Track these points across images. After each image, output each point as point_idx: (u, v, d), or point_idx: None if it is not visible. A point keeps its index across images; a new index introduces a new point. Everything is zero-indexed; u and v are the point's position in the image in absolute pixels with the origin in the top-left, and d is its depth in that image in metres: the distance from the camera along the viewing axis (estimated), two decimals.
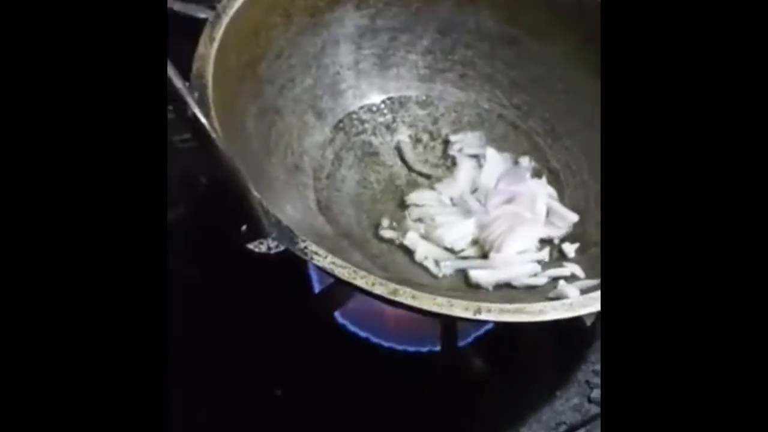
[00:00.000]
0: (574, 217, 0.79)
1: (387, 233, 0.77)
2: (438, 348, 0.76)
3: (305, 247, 0.60)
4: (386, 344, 0.76)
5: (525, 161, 0.85)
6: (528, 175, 0.83)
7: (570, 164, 0.84)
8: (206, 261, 0.79)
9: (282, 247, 0.59)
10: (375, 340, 0.76)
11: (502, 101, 0.88)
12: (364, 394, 0.73)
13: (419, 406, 0.73)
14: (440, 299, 0.59)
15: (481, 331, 0.77)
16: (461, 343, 0.77)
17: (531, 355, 0.77)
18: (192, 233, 0.82)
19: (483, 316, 0.59)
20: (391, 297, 0.58)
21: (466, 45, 0.88)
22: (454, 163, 0.84)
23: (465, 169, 0.83)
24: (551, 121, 0.86)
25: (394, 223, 0.78)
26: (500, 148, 0.85)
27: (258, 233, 0.59)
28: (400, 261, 0.76)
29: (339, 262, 0.60)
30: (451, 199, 0.81)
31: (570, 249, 0.77)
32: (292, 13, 0.79)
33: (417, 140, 0.86)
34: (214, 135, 0.54)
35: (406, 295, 0.58)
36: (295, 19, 0.79)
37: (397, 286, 0.59)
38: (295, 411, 0.72)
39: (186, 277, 0.77)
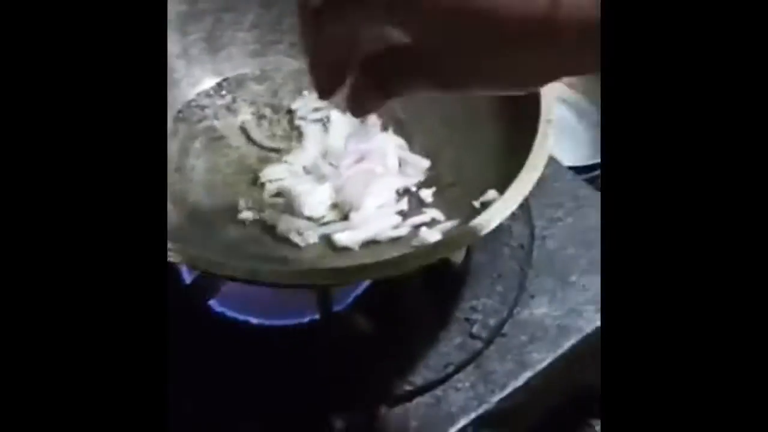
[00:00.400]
0: (425, 163, 0.80)
1: (245, 214, 0.77)
2: (317, 316, 0.77)
3: None
4: (267, 323, 0.76)
5: (371, 118, 0.85)
6: (375, 130, 0.83)
7: (415, 112, 0.85)
8: None
9: None
10: (255, 320, 0.76)
11: None
12: (255, 376, 0.73)
13: (311, 375, 0.74)
14: (301, 271, 0.59)
15: (360, 290, 0.78)
16: (339, 307, 0.77)
17: (409, 306, 0.78)
18: None
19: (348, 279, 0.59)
20: (252, 278, 0.59)
21: (293, 13, 0.87)
22: (301, 133, 0.84)
23: (312, 135, 0.83)
24: None
25: (252, 203, 0.78)
26: (344, 108, 0.85)
27: None
28: (265, 240, 0.76)
29: (195, 254, 0.59)
30: (304, 168, 0.81)
31: (427, 194, 0.78)
32: None
33: (260, 116, 0.86)
34: None
35: (266, 275, 0.59)
36: None
37: (257, 267, 0.59)
38: (189, 408, 0.71)
39: None
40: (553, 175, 0.89)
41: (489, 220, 0.64)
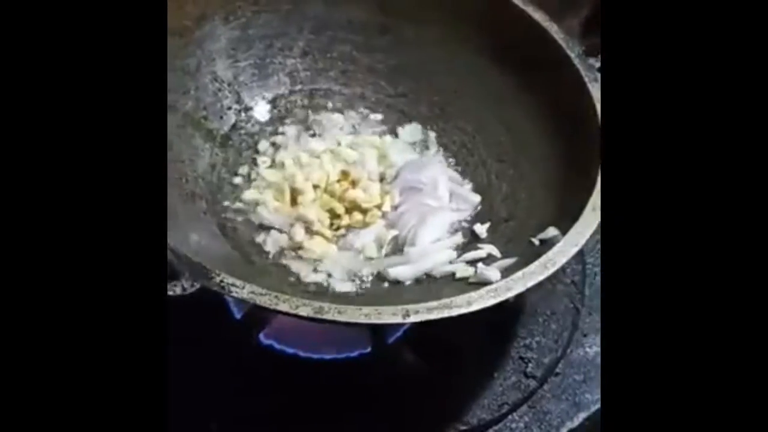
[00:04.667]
0: (476, 198, 0.79)
1: None
2: (368, 350, 0.75)
3: (221, 281, 0.58)
4: (315, 356, 0.75)
5: (431, 152, 0.84)
6: (433, 160, 0.82)
7: (466, 144, 0.84)
8: None
9: (197, 285, 0.57)
10: (303, 354, 0.75)
11: (388, 91, 0.88)
12: (303, 411, 0.72)
13: (361, 411, 0.72)
14: (366, 309, 0.58)
15: (408, 325, 0.76)
16: (391, 340, 0.76)
17: (462, 341, 0.76)
18: None
19: (412, 319, 0.58)
20: (318, 316, 0.57)
21: (342, 40, 0.87)
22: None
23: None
24: (440, 103, 0.86)
25: None
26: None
27: (170, 275, 0.57)
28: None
29: (258, 289, 0.58)
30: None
31: (481, 229, 0.76)
32: None
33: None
34: None
35: (333, 312, 0.57)
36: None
37: (322, 304, 0.58)
38: None
39: None
40: None
41: (554, 259, 0.63)
